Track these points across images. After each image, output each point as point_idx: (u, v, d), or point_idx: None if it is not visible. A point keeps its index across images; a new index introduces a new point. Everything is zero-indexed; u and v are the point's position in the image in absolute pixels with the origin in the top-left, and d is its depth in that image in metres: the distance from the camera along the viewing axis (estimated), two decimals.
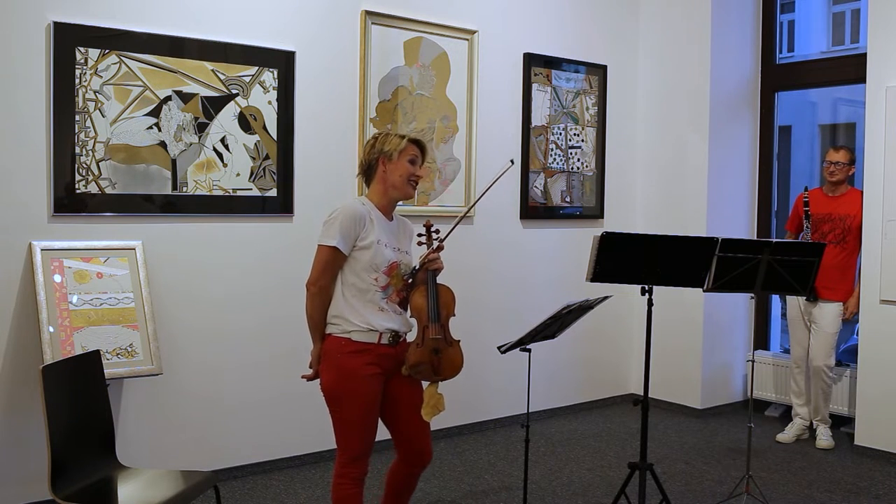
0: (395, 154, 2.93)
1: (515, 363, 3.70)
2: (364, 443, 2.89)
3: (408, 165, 2.95)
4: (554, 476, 4.40)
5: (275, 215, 4.34)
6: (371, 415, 2.90)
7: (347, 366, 2.86)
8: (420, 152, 3.00)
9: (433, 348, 2.94)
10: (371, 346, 2.87)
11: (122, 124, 3.86)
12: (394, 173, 2.94)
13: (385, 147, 2.95)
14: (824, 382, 4.97)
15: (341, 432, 2.90)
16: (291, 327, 4.40)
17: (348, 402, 2.87)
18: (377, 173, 2.98)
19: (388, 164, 2.94)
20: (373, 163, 2.98)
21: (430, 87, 4.88)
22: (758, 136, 5.82)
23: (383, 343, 2.89)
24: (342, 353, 2.87)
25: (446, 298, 3.00)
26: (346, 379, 2.87)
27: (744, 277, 3.55)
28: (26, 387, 3.61)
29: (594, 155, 5.74)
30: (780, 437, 5.09)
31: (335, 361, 2.89)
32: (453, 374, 3.02)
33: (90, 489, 2.83)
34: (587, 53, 5.66)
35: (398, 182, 2.94)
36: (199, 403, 4.13)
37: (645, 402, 3.49)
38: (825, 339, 4.92)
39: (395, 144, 2.95)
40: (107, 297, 3.70)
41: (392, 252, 2.95)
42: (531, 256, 5.42)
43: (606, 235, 3.33)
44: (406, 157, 2.95)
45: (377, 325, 2.88)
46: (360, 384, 2.86)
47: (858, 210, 4.88)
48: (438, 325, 2.96)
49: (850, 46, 7.19)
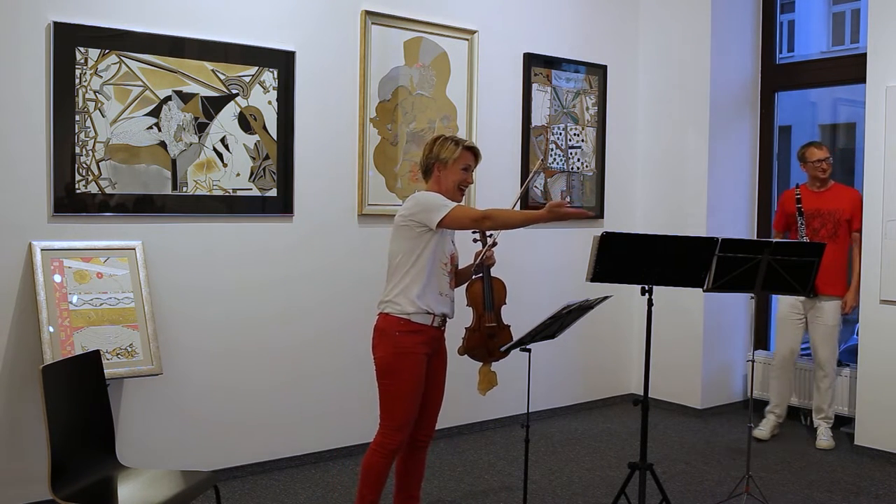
0: (450, 161, 3.18)
1: (515, 363, 3.70)
2: (409, 413, 3.18)
3: (461, 173, 3.21)
4: (554, 476, 4.40)
5: (275, 215, 4.34)
6: (418, 389, 3.18)
7: (404, 343, 3.14)
8: (474, 159, 3.25)
9: (489, 334, 3.39)
10: (425, 328, 3.17)
11: (122, 124, 3.86)
12: (447, 179, 3.20)
13: (441, 154, 3.20)
14: (828, 378, 4.97)
15: (389, 404, 3.17)
16: (292, 327, 4.41)
17: (400, 377, 3.14)
18: (433, 175, 3.24)
19: (443, 171, 3.20)
20: (430, 166, 3.24)
21: (430, 87, 4.88)
22: (758, 136, 5.82)
23: (435, 325, 3.20)
24: (400, 331, 3.14)
25: (499, 290, 3.45)
26: (401, 356, 3.14)
27: (744, 277, 3.55)
28: (26, 387, 3.61)
29: (594, 155, 5.74)
30: (756, 433, 5.08)
31: (392, 339, 3.15)
32: (505, 355, 3.40)
33: (90, 489, 2.83)
34: (587, 53, 5.66)
35: (450, 187, 3.21)
36: (199, 403, 4.13)
37: (645, 402, 3.49)
38: (828, 332, 4.93)
39: (451, 152, 3.19)
40: (107, 297, 3.70)
41: (451, 245, 3.29)
42: (530, 256, 5.42)
43: (606, 235, 3.33)
44: (460, 164, 3.20)
45: (435, 308, 3.17)
46: (413, 361, 3.15)
47: (847, 204, 4.90)
48: (493, 313, 3.40)
49: (850, 46, 7.18)
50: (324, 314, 4.51)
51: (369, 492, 3.17)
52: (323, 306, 4.50)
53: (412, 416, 3.19)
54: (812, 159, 4.99)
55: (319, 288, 4.49)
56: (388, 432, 3.16)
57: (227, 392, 4.22)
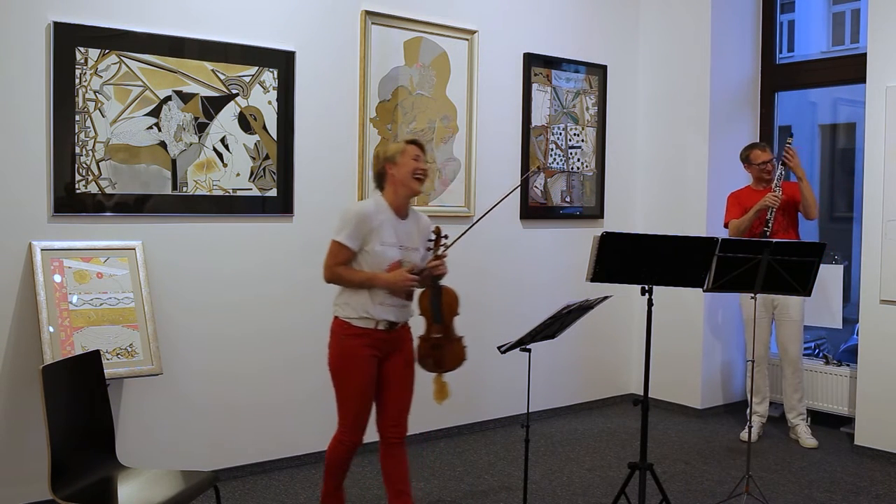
0: (398, 156, 3.24)
1: (515, 363, 3.71)
2: (358, 416, 3.26)
3: (412, 162, 3.24)
4: (554, 476, 4.40)
5: (275, 215, 4.34)
6: (364, 390, 3.24)
7: (349, 346, 3.22)
8: (420, 150, 3.29)
9: (433, 345, 3.31)
10: (369, 331, 3.22)
11: (122, 124, 3.86)
12: (400, 171, 3.23)
13: (388, 153, 3.27)
14: (798, 374, 5.00)
15: (339, 403, 3.28)
16: (292, 327, 4.41)
17: (346, 378, 3.24)
18: (388, 178, 3.27)
19: (395, 167, 3.24)
20: (382, 171, 3.28)
21: (430, 87, 4.88)
22: (758, 136, 5.81)
23: (380, 329, 3.22)
24: (344, 334, 3.23)
25: (449, 300, 3.32)
26: (346, 357, 3.23)
27: (744, 277, 3.55)
28: (26, 387, 3.61)
29: (594, 155, 5.74)
30: (743, 435, 5.08)
31: (338, 340, 3.26)
32: (454, 367, 3.38)
33: (90, 489, 2.83)
34: (587, 53, 5.66)
35: (405, 178, 3.23)
36: (199, 403, 4.13)
37: (645, 402, 3.49)
38: (795, 328, 4.97)
39: (396, 148, 3.28)
40: (107, 297, 3.70)
41: (396, 251, 3.23)
42: (531, 256, 5.42)
43: (606, 235, 3.33)
44: (408, 156, 3.24)
45: (376, 315, 3.20)
46: (359, 364, 3.22)
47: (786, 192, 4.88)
48: (441, 324, 3.32)
49: (850, 46, 7.18)
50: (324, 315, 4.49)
51: (329, 480, 3.37)
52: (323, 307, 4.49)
53: (362, 415, 3.27)
54: (756, 161, 5.00)
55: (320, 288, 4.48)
56: (342, 430, 3.28)
57: (227, 392, 4.22)
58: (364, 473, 4.32)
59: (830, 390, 5.29)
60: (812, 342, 5.95)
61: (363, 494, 4.04)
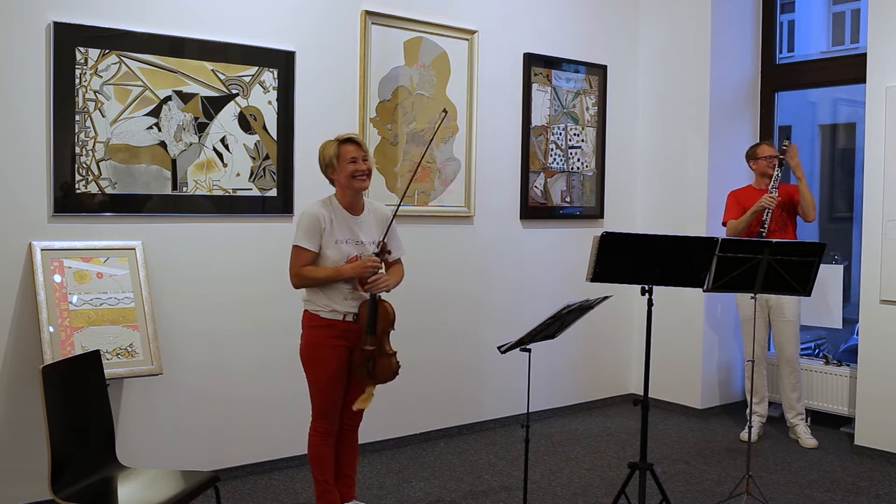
0: (334, 161, 3.33)
1: (515, 363, 3.70)
2: (329, 403, 3.39)
3: (348, 167, 3.30)
4: (554, 476, 4.40)
5: (275, 215, 4.34)
6: (333, 379, 3.36)
7: (316, 337, 3.36)
8: (357, 147, 3.34)
9: (366, 357, 3.35)
10: (336, 322, 3.33)
11: (122, 124, 3.86)
12: (341, 176, 3.34)
13: (325, 158, 3.35)
14: (795, 373, 5.00)
15: (311, 392, 3.40)
16: (291, 326, 4.40)
17: (316, 368, 3.36)
18: (335, 180, 3.39)
19: (335, 172, 3.35)
20: (327, 175, 3.39)
21: (430, 87, 4.88)
22: (758, 137, 5.81)
23: (348, 320, 3.34)
24: (313, 325, 3.36)
25: (384, 315, 3.35)
26: (314, 348, 3.36)
27: (744, 277, 3.55)
28: (26, 387, 3.61)
29: (594, 155, 5.74)
30: (743, 435, 5.09)
31: (307, 332, 3.39)
32: (385, 380, 3.41)
33: (90, 489, 2.83)
34: (587, 53, 5.66)
35: (345, 182, 3.34)
36: (199, 403, 4.13)
37: (645, 402, 3.49)
38: (791, 328, 4.97)
39: (331, 149, 3.33)
40: (107, 297, 3.70)
41: (352, 247, 3.35)
42: (531, 256, 5.42)
43: (606, 235, 3.33)
44: (344, 160, 3.31)
45: (340, 308, 3.33)
46: (326, 354, 3.34)
47: (785, 193, 4.89)
48: (374, 337, 3.34)
49: (850, 46, 7.18)
50: None
51: (316, 472, 3.45)
52: None
53: (332, 403, 3.39)
54: (764, 154, 5.00)
55: None
56: (315, 418, 3.42)
57: (227, 392, 4.22)
58: (364, 473, 4.32)
59: (830, 390, 5.29)
60: (812, 342, 5.96)
61: (362, 494, 4.04)
